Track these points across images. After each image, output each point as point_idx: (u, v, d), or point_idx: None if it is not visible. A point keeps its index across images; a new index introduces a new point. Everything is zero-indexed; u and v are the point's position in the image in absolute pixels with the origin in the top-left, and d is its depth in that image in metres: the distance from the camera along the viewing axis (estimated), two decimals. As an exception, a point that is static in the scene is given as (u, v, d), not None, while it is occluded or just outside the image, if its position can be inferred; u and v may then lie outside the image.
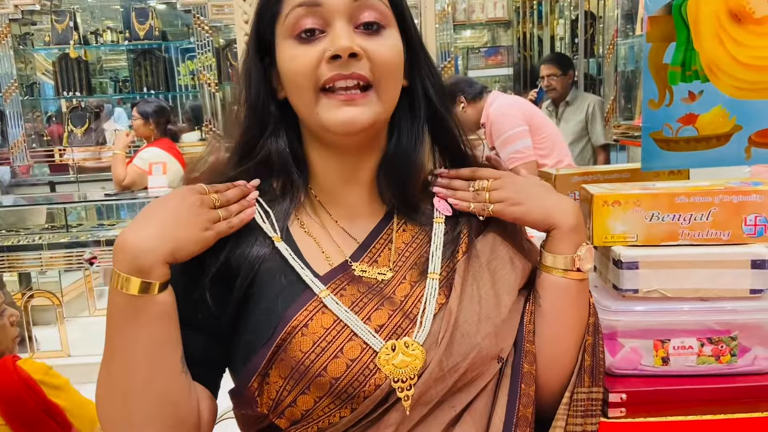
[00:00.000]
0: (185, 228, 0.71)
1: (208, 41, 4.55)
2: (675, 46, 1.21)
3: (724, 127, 1.22)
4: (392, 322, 0.75)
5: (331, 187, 0.82)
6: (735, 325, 1.02)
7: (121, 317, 0.69)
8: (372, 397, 0.71)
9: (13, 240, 3.64)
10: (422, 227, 0.84)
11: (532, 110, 3.05)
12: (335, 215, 0.82)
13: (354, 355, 0.72)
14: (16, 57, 4.72)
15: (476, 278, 0.80)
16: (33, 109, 4.98)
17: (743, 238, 1.02)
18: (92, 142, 4.85)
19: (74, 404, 1.49)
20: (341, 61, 0.72)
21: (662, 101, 1.23)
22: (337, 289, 0.76)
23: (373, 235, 0.82)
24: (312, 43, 0.73)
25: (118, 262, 0.68)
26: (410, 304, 0.77)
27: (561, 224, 0.81)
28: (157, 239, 0.68)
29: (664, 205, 1.02)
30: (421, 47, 0.82)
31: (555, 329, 0.82)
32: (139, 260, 0.67)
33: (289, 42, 0.75)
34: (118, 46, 5.03)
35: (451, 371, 0.74)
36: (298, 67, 0.74)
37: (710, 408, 1.00)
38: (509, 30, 5.50)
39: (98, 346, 1.83)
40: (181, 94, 5.11)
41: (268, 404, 0.73)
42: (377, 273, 0.79)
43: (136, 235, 0.68)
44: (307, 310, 0.73)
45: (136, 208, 4.22)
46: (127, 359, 0.70)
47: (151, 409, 0.71)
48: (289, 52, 0.74)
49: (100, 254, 3.55)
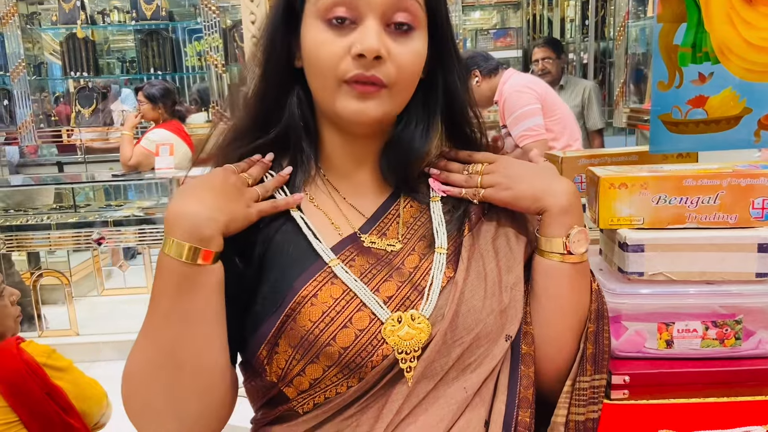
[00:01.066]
0: (235, 203, 0.74)
1: (215, 22, 4.52)
2: (686, 27, 1.19)
3: (734, 109, 1.20)
4: (401, 294, 0.76)
5: (340, 165, 0.84)
6: (740, 308, 1.01)
7: (177, 286, 0.69)
8: (379, 368, 0.72)
9: (22, 220, 3.66)
10: (429, 204, 0.85)
11: (546, 90, 3.03)
12: (343, 192, 0.83)
13: (362, 325, 0.73)
14: (24, 37, 4.71)
15: (483, 254, 0.80)
16: (41, 90, 4.99)
17: (750, 221, 1.01)
18: (100, 122, 4.86)
19: (78, 386, 1.50)
20: (366, 60, 0.72)
21: (672, 83, 1.21)
22: (347, 259, 0.77)
23: (381, 210, 0.83)
24: (341, 32, 0.73)
25: (176, 231, 0.69)
26: (419, 277, 0.78)
27: (551, 207, 0.81)
28: (215, 210, 0.70)
29: (672, 188, 1.02)
30: (451, 43, 0.82)
31: (547, 313, 0.82)
32: (201, 229, 0.69)
33: (319, 24, 0.74)
34: (125, 26, 5.01)
35: (455, 344, 0.75)
36: (324, 56, 0.74)
37: (714, 391, 1.00)
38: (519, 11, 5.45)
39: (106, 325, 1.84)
40: (188, 75, 5.10)
41: (277, 373, 0.74)
42: (386, 244, 0.80)
43: (194, 205, 0.70)
44: (316, 281, 0.74)
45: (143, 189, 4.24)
46: (182, 329, 0.70)
47: (198, 381, 0.72)
48: (318, 35, 0.74)
49: (107, 234, 3.58)
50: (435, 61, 0.81)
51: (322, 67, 0.74)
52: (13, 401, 1.38)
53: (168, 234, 0.69)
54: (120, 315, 3.85)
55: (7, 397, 1.38)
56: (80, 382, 1.52)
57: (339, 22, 0.73)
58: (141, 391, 0.72)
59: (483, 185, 0.83)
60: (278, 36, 0.79)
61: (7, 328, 1.48)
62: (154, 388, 0.72)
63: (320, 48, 0.74)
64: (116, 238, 3.61)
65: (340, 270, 0.75)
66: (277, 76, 0.80)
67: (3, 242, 3.51)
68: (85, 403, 1.49)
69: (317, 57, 0.74)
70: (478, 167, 0.84)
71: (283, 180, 0.81)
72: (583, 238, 0.82)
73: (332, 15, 0.73)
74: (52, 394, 1.42)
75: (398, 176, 0.84)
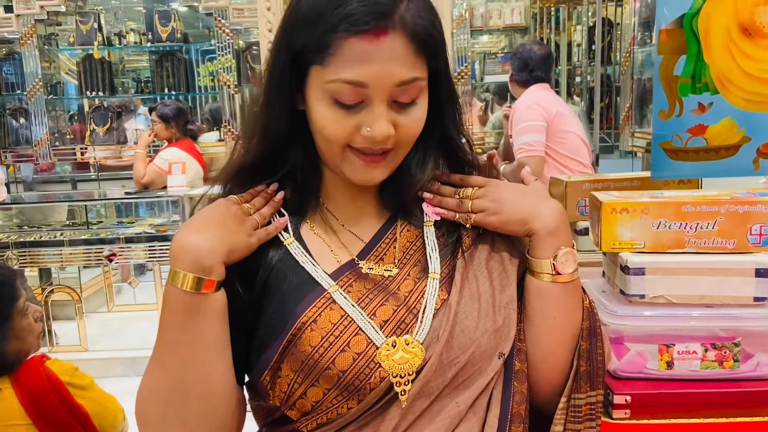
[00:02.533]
0: (235, 233, 0.78)
1: (229, 43, 4.61)
2: (686, 59, 1.24)
3: (733, 138, 1.25)
4: (396, 317, 0.78)
5: (339, 196, 0.86)
6: (739, 331, 1.04)
7: (183, 314, 0.74)
8: (377, 390, 0.75)
9: (35, 236, 3.72)
10: (424, 229, 0.88)
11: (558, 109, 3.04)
12: (342, 219, 0.86)
13: (360, 349, 0.76)
14: (41, 57, 4.81)
15: (477, 275, 0.83)
16: (56, 108, 5.08)
17: (748, 247, 1.05)
18: (114, 141, 4.94)
19: (99, 404, 1.53)
20: (376, 141, 0.75)
21: (672, 112, 1.26)
22: (345, 285, 0.80)
23: (379, 235, 0.85)
24: (350, 112, 0.74)
25: (180, 262, 0.73)
26: (414, 300, 0.80)
27: (538, 230, 0.83)
28: (215, 241, 0.75)
29: (672, 213, 1.05)
30: (449, 88, 0.84)
31: (539, 331, 0.84)
32: (202, 260, 0.73)
33: (326, 100, 0.75)
34: (141, 48, 5.11)
35: (450, 364, 0.78)
36: (331, 132, 0.76)
37: (713, 411, 1.03)
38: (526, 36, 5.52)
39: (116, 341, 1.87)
40: (200, 95, 5.18)
41: (280, 397, 0.78)
42: (383, 270, 0.83)
43: (196, 237, 0.74)
44: (316, 306, 0.77)
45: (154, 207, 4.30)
46: (188, 355, 0.75)
47: (205, 405, 0.76)
48: (325, 112, 0.75)
49: (119, 251, 3.62)
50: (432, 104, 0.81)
51: (330, 136, 0.76)
52: (37, 419, 1.41)
53: (173, 265, 0.73)
54: (129, 331, 3.89)
55: (31, 414, 1.41)
56: (101, 400, 1.55)
57: (348, 105, 0.74)
58: (152, 414, 0.77)
59: (473, 210, 0.84)
60: (284, 80, 0.78)
61: (30, 345, 1.51)
62: (163, 412, 0.76)
63: (327, 124, 0.75)
64: (127, 255, 3.66)
65: (339, 296, 0.78)
66: (280, 122, 0.81)
67: (17, 258, 3.57)
68: (105, 420, 1.52)
69: (326, 131, 0.76)
70: (468, 191, 0.86)
71: (277, 206, 0.84)
72: (571, 258, 0.84)
73: (342, 100, 0.74)
74: (75, 413, 1.45)
75: (396, 202, 0.87)
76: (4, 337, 1.44)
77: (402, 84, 0.73)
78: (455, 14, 4.32)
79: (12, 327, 1.45)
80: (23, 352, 1.48)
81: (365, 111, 0.74)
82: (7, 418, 1.41)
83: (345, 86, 0.72)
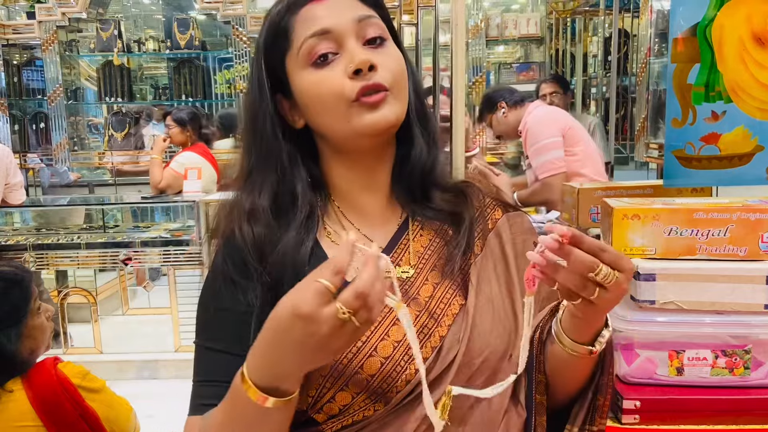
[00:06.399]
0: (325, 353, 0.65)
1: (246, 52, 4.67)
2: (699, 67, 1.25)
3: (746, 147, 1.25)
4: (419, 322, 0.80)
5: (350, 196, 0.87)
6: (750, 339, 1.04)
7: (249, 420, 0.68)
8: (403, 392, 0.77)
9: (53, 239, 3.77)
10: (438, 229, 0.87)
11: (569, 122, 3.05)
12: (356, 223, 0.86)
13: (387, 353, 0.77)
14: (62, 63, 4.90)
15: (489, 280, 0.85)
16: (76, 114, 5.16)
17: (760, 254, 1.05)
18: (131, 146, 5.00)
19: (110, 407, 1.53)
20: (362, 74, 0.77)
21: (685, 120, 1.26)
22: None
23: (394, 240, 0.86)
24: (330, 66, 0.78)
25: (259, 378, 0.66)
26: (434, 305, 0.82)
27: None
28: (303, 368, 0.67)
29: (683, 220, 1.06)
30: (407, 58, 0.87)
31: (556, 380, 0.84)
32: (284, 385, 0.66)
33: (307, 70, 0.79)
34: (160, 55, 5.18)
35: (466, 366, 0.79)
36: (326, 89, 0.78)
37: (722, 418, 1.03)
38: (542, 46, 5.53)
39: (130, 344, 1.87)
40: (217, 102, 5.24)
41: (307, 401, 0.78)
42: (401, 272, 0.84)
43: (287, 366, 0.65)
44: None
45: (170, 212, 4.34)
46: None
47: None
48: (311, 78, 0.79)
49: (134, 255, 3.66)
50: None
51: (328, 101, 0.79)
52: (47, 421, 1.41)
53: (250, 374, 0.66)
54: (143, 334, 3.92)
55: (42, 416, 1.41)
56: (112, 403, 1.56)
57: (323, 59, 0.78)
58: None
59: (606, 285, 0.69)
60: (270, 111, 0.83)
61: (42, 343, 1.53)
62: None
63: (320, 86, 0.79)
64: (142, 259, 3.70)
65: None
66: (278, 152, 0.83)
67: (34, 260, 3.62)
68: (116, 424, 1.52)
69: (321, 94, 0.79)
70: (609, 275, 0.68)
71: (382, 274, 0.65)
72: (608, 335, 0.79)
73: (316, 55, 0.78)
74: (86, 416, 1.46)
75: (408, 196, 0.87)
76: (18, 336, 1.45)
77: (360, 20, 0.79)
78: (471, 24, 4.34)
79: (25, 326, 1.47)
80: (35, 351, 1.50)
81: (342, 57, 0.78)
82: (17, 419, 1.42)
83: (312, 41, 0.78)
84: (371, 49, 0.80)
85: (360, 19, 0.79)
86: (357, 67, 0.77)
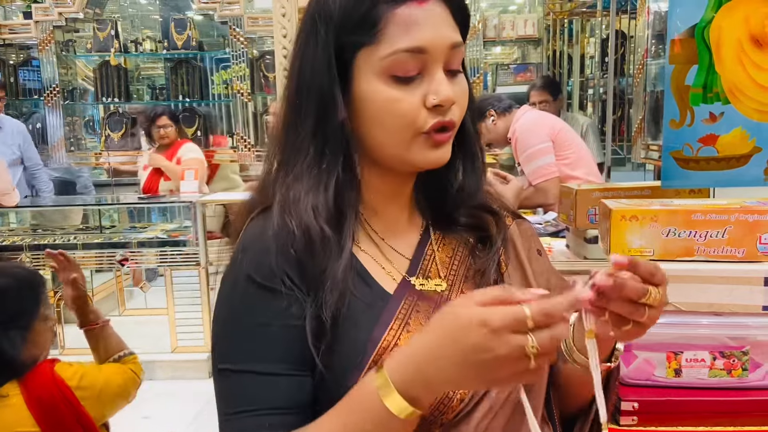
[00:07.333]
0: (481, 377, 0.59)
1: (243, 52, 4.66)
2: (697, 69, 1.25)
3: (744, 148, 1.25)
4: None
5: (375, 204, 0.81)
6: (747, 340, 1.04)
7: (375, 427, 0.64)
8: (457, 410, 0.73)
9: (49, 239, 3.76)
10: (460, 239, 0.84)
11: (558, 126, 3.07)
12: (381, 232, 0.82)
13: None
14: (59, 63, 4.89)
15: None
16: (72, 114, 5.15)
17: (758, 256, 1.05)
18: (129, 147, 5.00)
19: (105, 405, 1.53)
20: (441, 109, 0.72)
21: (683, 121, 1.26)
22: (411, 305, 0.76)
23: (419, 251, 0.82)
24: (410, 87, 0.72)
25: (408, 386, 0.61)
26: None
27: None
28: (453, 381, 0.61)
29: (681, 221, 1.06)
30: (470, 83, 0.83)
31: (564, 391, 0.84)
32: (426, 395, 0.62)
33: (384, 81, 0.72)
34: (156, 55, 5.17)
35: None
36: (400, 112, 0.72)
37: (721, 420, 1.03)
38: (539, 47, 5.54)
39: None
40: (214, 102, 5.24)
41: None
42: (434, 285, 0.80)
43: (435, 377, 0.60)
44: (393, 329, 0.73)
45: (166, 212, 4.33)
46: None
47: None
48: (387, 93, 0.72)
49: (131, 256, 3.66)
50: None
51: (398, 123, 0.72)
52: (45, 425, 1.40)
53: (395, 381, 0.62)
54: (140, 335, 3.91)
55: (39, 421, 1.40)
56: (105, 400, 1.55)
57: (407, 78, 0.71)
58: None
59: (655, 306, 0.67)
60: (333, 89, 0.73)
61: (43, 351, 1.51)
62: None
63: (395, 105, 0.72)
64: (139, 259, 3.69)
65: (413, 317, 0.74)
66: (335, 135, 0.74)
67: (30, 261, 3.61)
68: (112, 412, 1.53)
69: (391, 114, 0.72)
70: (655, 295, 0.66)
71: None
72: (621, 347, 0.79)
73: (402, 73, 0.71)
74: (81, 420, 1.45)
75: (436, 214, 0.84)
76: (22, 342, 1.42)
77: (454, 47, 0.72)
78: (468, 25, 4.34)
79: (32, 332, 1.45)
80: (36, 359, 1.48)
81: (425, 81, 0.72)
82: (14, 424, 1.40)
83: (404, 56, 0.70)
84: (450, 79, 0.74)
85: (453, 45, 0.72)
86: (440, 104, 0.72)
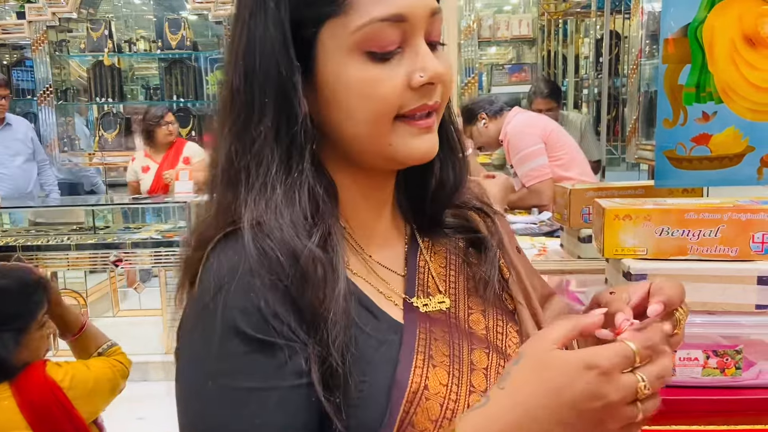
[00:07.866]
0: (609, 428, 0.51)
1: (238, 52, 4.66)
2: (690, 68, 1.25)
3: (737, 147, 1.25)
4: (493, 363, 0.67)
5: (352, 212, 0.68)
6: (741, 339, 1.05)
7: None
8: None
9: (43, 240, 3.74)
10: (449, 244, 0.76)
11: (550, 127, 3.06)
12: (364, 245, 0.69)
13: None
14: (52, 63, 4.87)
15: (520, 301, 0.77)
16: (66, 114, 5.13)
17: (751, 255, 1.05)
18: (123, 147, 4.98)
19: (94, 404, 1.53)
20: (428, 88, 0.61)
21: (676, 121, 1.26)
22: (426, 335, 0.65)
23: (411, 264, 0.72)
24: (390, 63, 0.60)
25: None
26: (494, 338, 0.70)
27: None
28: None
29: (674, 220, 1.06)
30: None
31: None
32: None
33: (356, 58, 0.59)
34: (151, 55, 5.16)
35: None
36: (380, 96, 0.59)
37: (714, 419, 1.03)
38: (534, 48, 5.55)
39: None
40: (208, 102, 5.23)
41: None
42: (437, 303, 0.70)
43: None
44: (417, 368, 0.62)
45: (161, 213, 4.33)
46: None
47: None
48: (362, 73, 0.59)
49: (125, 256, 3.64)
50: None
51: (376, 108, 0.60)
52: (37, 427, 1.39)
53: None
54: (134, 336, 3.90)
55: (32, 422, 1.39)
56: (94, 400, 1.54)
57: (386, 54, 0.59)
58: None
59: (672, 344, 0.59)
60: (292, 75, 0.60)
61: (37, 357, 1.49)
62: None
63: (374, 88, 0.59)
64: (133, 260, 3.68)
65: (435, 350, 0.64)
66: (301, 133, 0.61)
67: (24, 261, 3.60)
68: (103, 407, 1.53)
69: (369, 99, 0.60)
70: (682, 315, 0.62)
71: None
72: None
73: (384, 45, 0.59)
74: (74, 422, 1.45)
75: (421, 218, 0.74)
76: (15, 345, 1.42)
77: (434, 13, 0.61)
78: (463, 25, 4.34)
79: (26, 336, 1.44)
80: (28, 362, 1.48)
81: (407, 57, 0.60)
82: (7, 427, 1.39)
83: (380, 26, 0.58)
84: (433, 52, 0.62)
85: (434, 12, 0.61)
86: (430, 81, 0.60)
